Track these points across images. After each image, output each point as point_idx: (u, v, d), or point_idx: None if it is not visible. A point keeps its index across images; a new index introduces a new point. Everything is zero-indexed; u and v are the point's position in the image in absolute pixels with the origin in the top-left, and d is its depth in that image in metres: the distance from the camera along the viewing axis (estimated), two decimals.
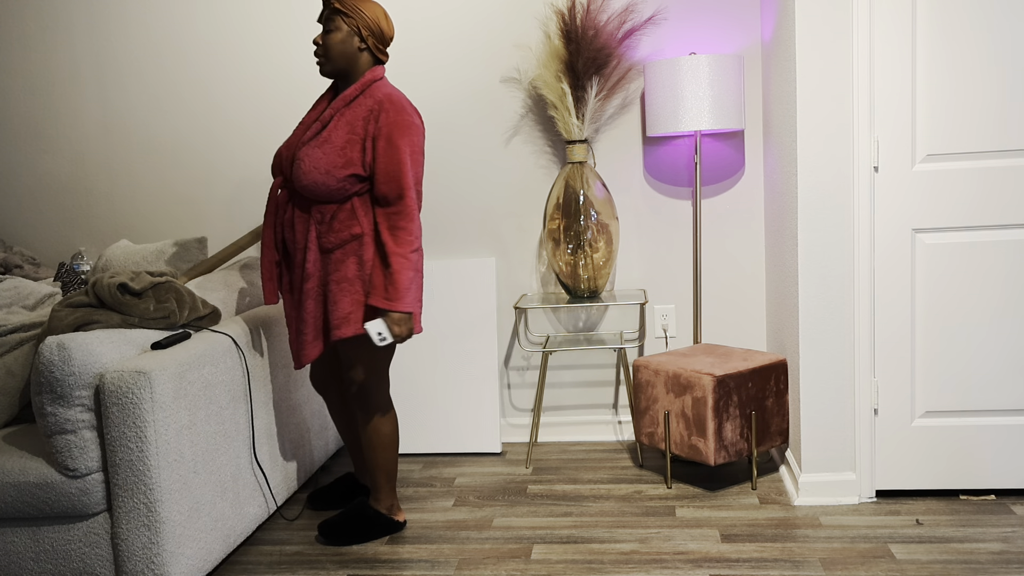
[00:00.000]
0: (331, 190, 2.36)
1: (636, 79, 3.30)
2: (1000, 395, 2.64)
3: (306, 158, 2.38)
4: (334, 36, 2.40)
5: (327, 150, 2.36)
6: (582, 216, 3.12)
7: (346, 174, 2.35)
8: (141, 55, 3.53)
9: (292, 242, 2.46)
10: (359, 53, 2.43)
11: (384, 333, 2.36)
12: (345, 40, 2.40)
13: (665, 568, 2.34)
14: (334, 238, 2.40)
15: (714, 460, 2.77)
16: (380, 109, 2.36)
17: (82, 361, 2.11)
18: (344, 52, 2.41)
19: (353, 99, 2.41)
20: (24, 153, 3.65)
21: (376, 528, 2.61)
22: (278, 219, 2.50)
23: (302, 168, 2.37)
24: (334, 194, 2.37)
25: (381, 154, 2.34)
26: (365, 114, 2.37)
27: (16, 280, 3.03)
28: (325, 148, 2.37)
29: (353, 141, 2.36)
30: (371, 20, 2.41)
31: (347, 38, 2.40)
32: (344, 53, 2.41)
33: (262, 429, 2.66)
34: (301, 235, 2.44)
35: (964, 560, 2.30)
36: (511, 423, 3.50)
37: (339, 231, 2.39)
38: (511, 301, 3.47)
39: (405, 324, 2.36)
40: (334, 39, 2.40)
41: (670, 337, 3.41)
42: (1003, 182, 2.57)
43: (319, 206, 2.41)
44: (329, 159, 2.35)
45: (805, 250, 2.66)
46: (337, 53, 2.41)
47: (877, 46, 2.58)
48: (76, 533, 2.19)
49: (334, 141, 2.37)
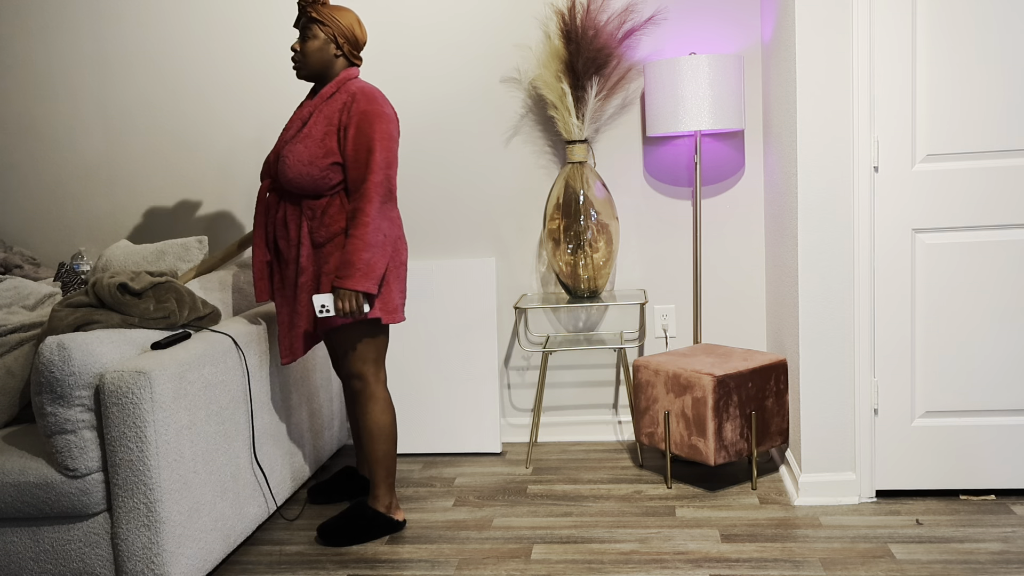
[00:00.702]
0: (315, 180, 2.46)
1: (636, 79, 3.30)
2: (1000, 395, 2.64)
3: (290, 154, 2.48)
4: (312, 44, 2.52)
5: (308, 143, 2.47)
6: (582, 216, 3.12)
7: (327, 163, 2.45)
8: (141, 55, 3.53)
9: (285, 239, 2.55)
10: (335, 59, 2.55)
11: (328, 305, 2.41)
12: (322, 48, 2.52)
13: (665, 568, 2.34)
14: (325, 232, 2.49)
15: (714, 460, 2.77)
16: (353, 100, 2.47)
17: (82, 361, 2.11)
18: (321, 59, 2.53)
19: (330, 96, 2.53)
20: (24, 153, 3.65)
21: (376, 528, 2.62)
22: (269, 219, 2.59)
23: (287, 163, 2.48)
24: (319, 184, 2.47)
25: (351, 139, 2.44)
26: (340, 106, 2.49)
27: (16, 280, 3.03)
28: (306, 142, 2.48)
29: (330, 132, 2.47)
30: (346, 28, 2.53)
31: (324, 45, 2.52)
32: (321, 59, 2.53)
33: (262, 429, 2.66)
34: (294, 232, 2.52)
35: (964, 560, 2.30)
36: (511, 423, 3.50)
37: (329, 225, 2.49)
38: (511, 301, 3.47)
39: (349, 300, 2.39)
40: (312, 46, 2.52)
41: (670, 337, 3.41)
42: (1003, 182, 2.57)
43: (309, 202, 2.51)
44: (310, 151, 2.46)
45: (805, 250, 2.66)
46: (314, 60, 2.53)
47: (877, 46, 2.58)
48: (76, 533, 2.19)
49: (314, 134, 2.48)
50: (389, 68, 3.41)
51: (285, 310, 2.60)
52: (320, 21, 2.51)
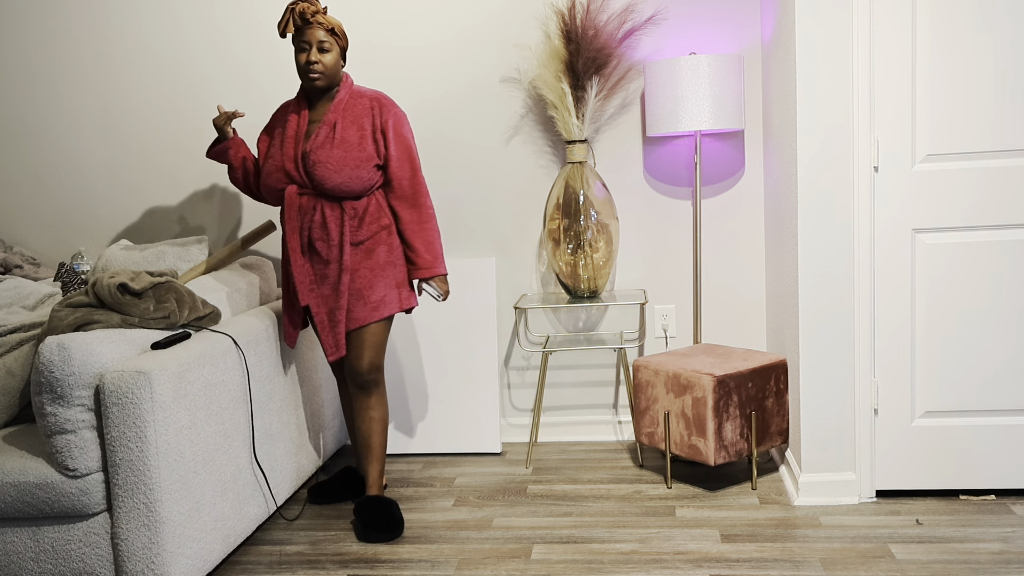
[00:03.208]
0: (363, 182, 2.61)
1: (636, 79, 3.30)
2: (1000, 395, 2.64)
3: (328, 160, 2.58)
4: (332, 55, 2.62)
5: (347, 148, 2.59)
6: (582, 216, 3.12)
7: (371, 166, 2.62)
8: (141, 55, 3.53)
9: (324, 241, 2.64)
10: (341, 67, 2.69)
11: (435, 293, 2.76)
12: (337, 59, 2.64)
13: (665, 568, 2.34)
14: (366, 231, 2.64)
15: (714, 460, 2.77)
16: (377, 105, 2.66)
17: (82, 361, 2.11)
18: (336, 68, 2.65)
19: (346, 102, 2.66)
20: (24, 153, 3.65)
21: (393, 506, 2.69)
22: (304, 223, 2.65)
23: (329, 168, 2.58)
24: (365, 186, 2.62)
25: (393, 143, 2.64)
26: (364, 111, 2.65)
27: (16, 280, 3.03)
28: (344, 147, 2.59)
29: (365, 137, 2.62)
30: (345, 37, 2.68)
31: (338, 56, 2.65)
32: (336, 69, 2.65)
33: (262, 429, 2.66)
34: (335, 233, 2.63)
35: (964, 560, 2.30)
36: (511, 423, 3.50)
37: (370, 224, 2.64)
38: (511, 301, 3.47)
39: (446, 283, 2.76)
40: (332, 58, 2.63)
41: (670, 337, 3.41)
42: (1003, 182, 2.57)
43: (351, 203, 2.63)
44: (353, 155, 2.59)
45: (805, 250, 2.66)
46: (333, 70, 2.64)
47: (877, 46, 2.58)
48: (76, 533, 2.19)
49: (350, 140, 2.60)
50: (389, 68, 3.41)
51: (324, 309, 2.66)
52: (334, 32, 2.61)
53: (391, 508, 2.67)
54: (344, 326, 2.65)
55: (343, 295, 2.63)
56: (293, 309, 2.75)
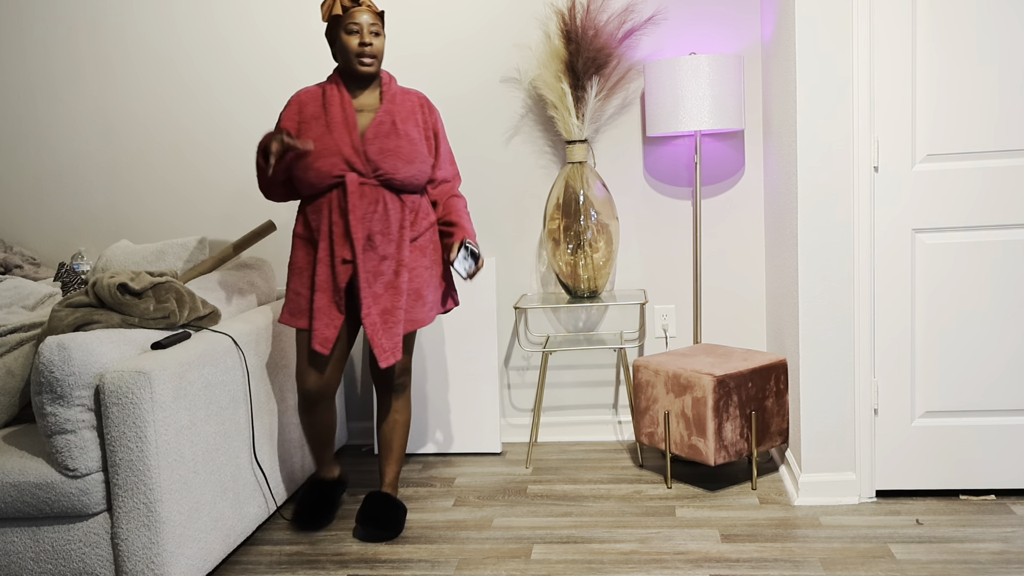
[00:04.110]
0: (426, 176, 2.55)
1: (636, 79, 3.30)
2: (1000, 395, 2.64)
3: (398, 150, 2.47)
4: (381, 40, 2.50)
5: (412, 140, 2.51)
6: (582, 216, 3.12)
7: (431, 161, 2.58)
8: (141, 55, 3.53)
9: (384, 234, 2.47)
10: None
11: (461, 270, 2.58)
12: (384, 45, 2.53)
13: (665, 568, 2.34)
14: (418, 227, 2.57)
15: (714, 460, 2.77)
16: (427, 104, 2.62)
17: (82, 361, 2.11)
18: (383, 56, 2.53)
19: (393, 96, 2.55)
20: (24, 153, 3.65)
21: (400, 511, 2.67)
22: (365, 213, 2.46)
23: (401, 158, 2.47)
24: (426, 180, 2.56)
25: (441, 142, 2.64)
26: (415, 108, 2.58)
27: (16, 280, 3.03)
28: (409, 139, 2.50)
29: (420, 133, 2.56)
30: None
31: (384, 43, 2.53)
32: (382, 57, 2.54)
33: (262, 429, 2.66)
34: (396, 227, 2.49)
35: (964, 560, 2.30)
36: (511, 423, 3.50)
37: (422, 220, 2.58)
38: (511, 301, 3.47)
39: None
40: (382, 43, 2.51)
41: (670, 337, 3.41)
42: (1003, 182, 2.57)
43: (410, 196, 2.54)
44: (418, 148, 2.51)
45: (805, 250, 2.66)
46: (381, 56, 2.52)
47: (877, 46, 2.58)
48: (76, 533, 2.19)
49: (413, 136, 2.52)
50: (389, 68, 3.41)
51: (376, 309, 2.46)
52: (381, 17, 2.50)
53: (397, 511, 2.65)
54: (402, 327, 2.48)
55: (401, 294, 2.47)
56: (332, 310, 2.47)
